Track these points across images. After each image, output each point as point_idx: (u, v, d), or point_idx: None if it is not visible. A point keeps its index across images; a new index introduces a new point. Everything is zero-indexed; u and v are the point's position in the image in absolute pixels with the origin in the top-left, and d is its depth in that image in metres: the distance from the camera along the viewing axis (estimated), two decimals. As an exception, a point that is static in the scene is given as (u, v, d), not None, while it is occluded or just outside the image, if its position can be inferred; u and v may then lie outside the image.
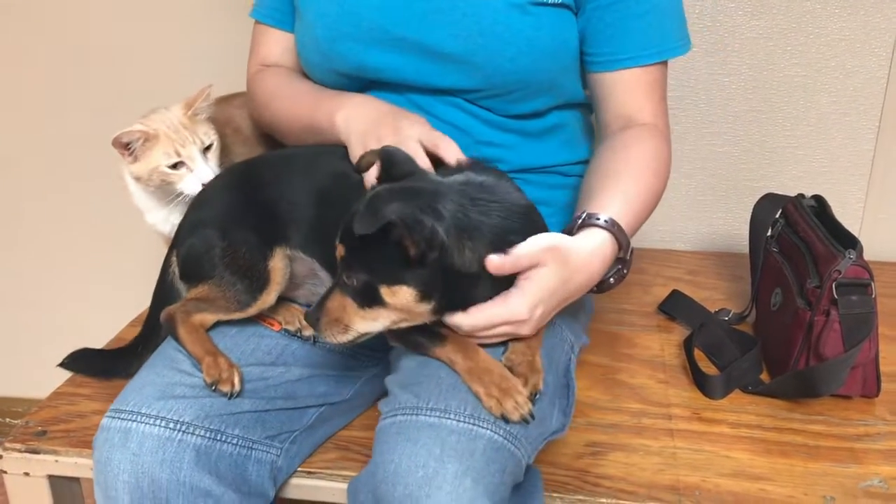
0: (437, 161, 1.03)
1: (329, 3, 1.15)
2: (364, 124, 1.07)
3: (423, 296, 0.90)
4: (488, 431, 0.90)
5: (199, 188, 1.17)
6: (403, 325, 0.95)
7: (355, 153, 1.05)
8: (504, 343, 1.01)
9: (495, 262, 0.91)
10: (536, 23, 1.09)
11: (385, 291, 0.90)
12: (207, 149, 1.19)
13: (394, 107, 1.09)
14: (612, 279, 1.07)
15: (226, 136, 1.32)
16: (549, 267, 0.94)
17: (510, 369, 0.97)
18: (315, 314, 0.94)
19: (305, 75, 1.27)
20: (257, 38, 1.33)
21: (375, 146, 0.99)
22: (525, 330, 0.97)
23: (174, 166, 1.16)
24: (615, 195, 1.05)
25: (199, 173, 1.17)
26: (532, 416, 0.93)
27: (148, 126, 1.16)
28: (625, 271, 1.07)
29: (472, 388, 0.93)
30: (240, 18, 1.39)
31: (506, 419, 0.91)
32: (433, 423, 0.90)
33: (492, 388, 0.92)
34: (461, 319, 0.94)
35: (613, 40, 1.14)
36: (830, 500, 1.03)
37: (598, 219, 1.01)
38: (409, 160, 0.96)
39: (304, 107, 1.18)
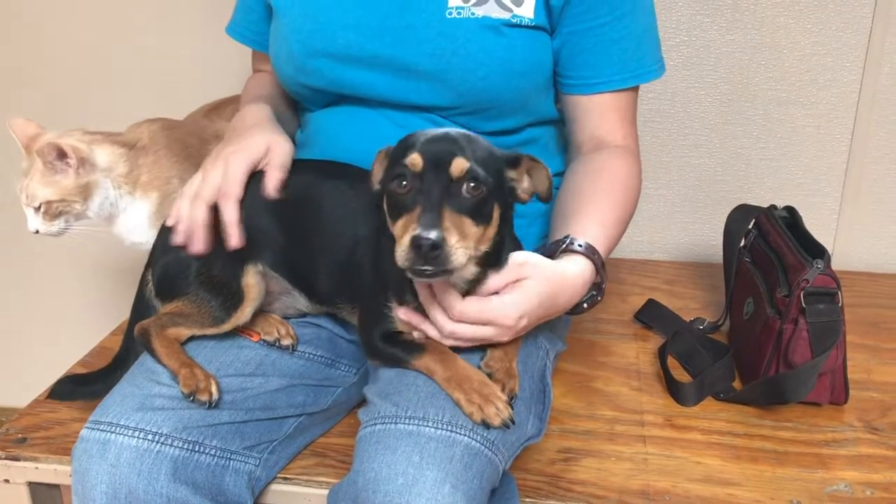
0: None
1: (304, 19, 1.16)
2: (228, 135, 1.17)
3: (502, 224, 0.95)
4: (466, 438, 0.92)
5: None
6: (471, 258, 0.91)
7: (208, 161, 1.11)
8: (482, 349, 1.03)
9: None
10: (510, 44, 1.11)
11: (495, 210, 0.93)
12: (38, 207, 1.22)
13: (253, 127, 1.14)
14: (585, 304, 1.09)
15: (210, 152, 1.33)
16: (534, 280, 0.97)
17: (488, 376, 0.99)
18: (439, 235, 0.84)
19: None
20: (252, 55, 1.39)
21: (224, 158, 1.08)
22: (505, 337, 0.99)
23: None
24: (593, 221, 1.08)
25: (28, 220, 1.24)
26: (512, 420, 0.95)
27: (28, 141, 1.23)
28: (599, 298, 1.09)
29: (453, 396, 0.95)
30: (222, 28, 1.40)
31: (487, 425, 0.94)
32: (412, 431, 0.92)
33: (472, 395, 0.94)
34: (454, 303, 0.96)
35: (589, 65, 1.16)
36: (796, 505, 1.05)
37: (581, 245, 1.04)
38: None
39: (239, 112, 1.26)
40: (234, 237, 1.06)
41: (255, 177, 1.14)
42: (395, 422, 0.93)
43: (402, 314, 1.01)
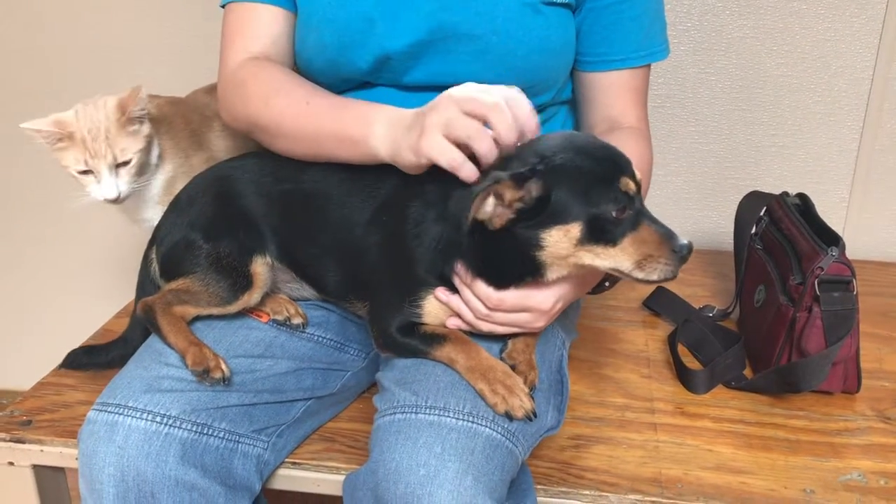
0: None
1: (335, 7, 1.10)
2: (398, 131, 0.98)
3: None
4: (487, 429, 0.91)
5: (102, 200, 1.16)
6: None
7: (404, 162, 0.96)
8: (503, 340, 1.02)
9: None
10: (546, 22, 1.09)
11: None
12: (123, 164, 1.15)
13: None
14: (606, 283, 1.09)
15: (212, 129, 1.31)
16: None
17: (511, 368, 0.98)
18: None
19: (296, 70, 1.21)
20: (240, 22, 1.16)
21: (412, 151, 0.94)
22: (540, 322, 0.99)
23: (84, 171, 1.15)
24: None
25: (104, 188, 1.15)
26: (535, 413, 0.94)
27: (70, 123, 1.13)
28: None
29: (476, 387, 0.94)
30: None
31: (510, 416, 0.93)
32: (433, 422, 0.91)
33: (497, 386, 0.94)
34: (490, 292, 0.96)
35: (607, 41, 1.15)
36: (810, 493, 1.04)
37: None
38: None
39: (325, 111, 1.06)
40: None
41: (261, 167, 1.12)
42: (416, 411, 0.92)
43: (442, 295, 0.99)
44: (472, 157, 0.92)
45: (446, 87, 1.08)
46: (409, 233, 0.99)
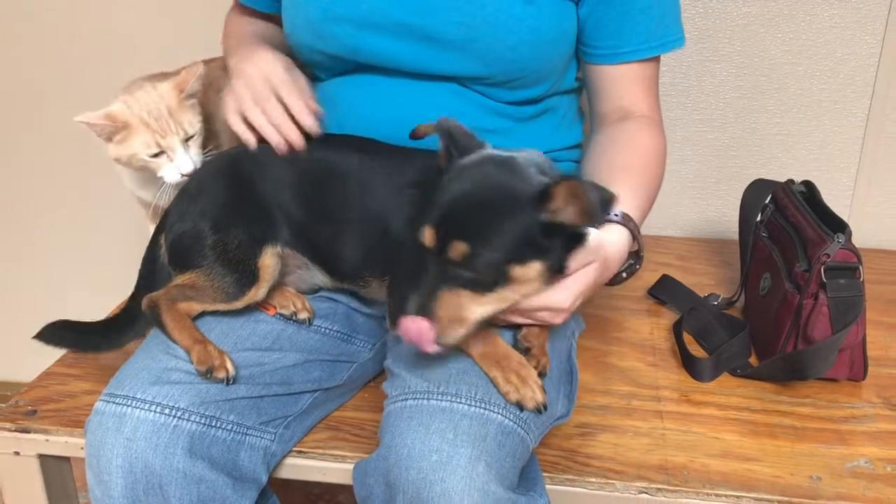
0: None
1: None
2: (245, 85, 1.12)
3: (549, 267, 0.89)
4: (499, 416, 0.91)
5: (179, 178, 1.15)
6: (509, 307, 0.92)
7: (227, 109, 1.12)
8: (518, 326, 1.02)
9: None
10: (538, 13, 1.08)
11: (517, 271, 0.87)
12: (190, 138, 1.16)
13: (276, 72, 1.12)
14: (624, 273, 1.08)
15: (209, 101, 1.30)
16: (596, 263, 0.96)
17: (525, 350, 0.98)
18: (429, 316, 0.86)
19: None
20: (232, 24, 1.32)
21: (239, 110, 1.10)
22: (559, 319, 0.98)
23: (155, 154, 1.15)
24: (626, 190, 1.05)
25: (180, 164, 1.15)
26: (545, 406, 0.94)
27: (122, 114, 1.12)
28: (637, 266, 1.08)
29: (489, 373, 0.94)
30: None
31: (520, 406, 0.93)
32: (445, 408, 0.90)
33: (510, 375, 0.94)
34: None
35: (616, 34, 1.14)
36: (817, 480, 1.04)
37: (617, 215, 1.02)
38: (468, 134, 0.96)
39: (230, 49, 1.24)
40: (310, 120, 1.10)
41: (272, 154, 1.12)
42: (428, 397, 0.92)
43: None
44: None
45: (434, 76, 1.12)
46: None
